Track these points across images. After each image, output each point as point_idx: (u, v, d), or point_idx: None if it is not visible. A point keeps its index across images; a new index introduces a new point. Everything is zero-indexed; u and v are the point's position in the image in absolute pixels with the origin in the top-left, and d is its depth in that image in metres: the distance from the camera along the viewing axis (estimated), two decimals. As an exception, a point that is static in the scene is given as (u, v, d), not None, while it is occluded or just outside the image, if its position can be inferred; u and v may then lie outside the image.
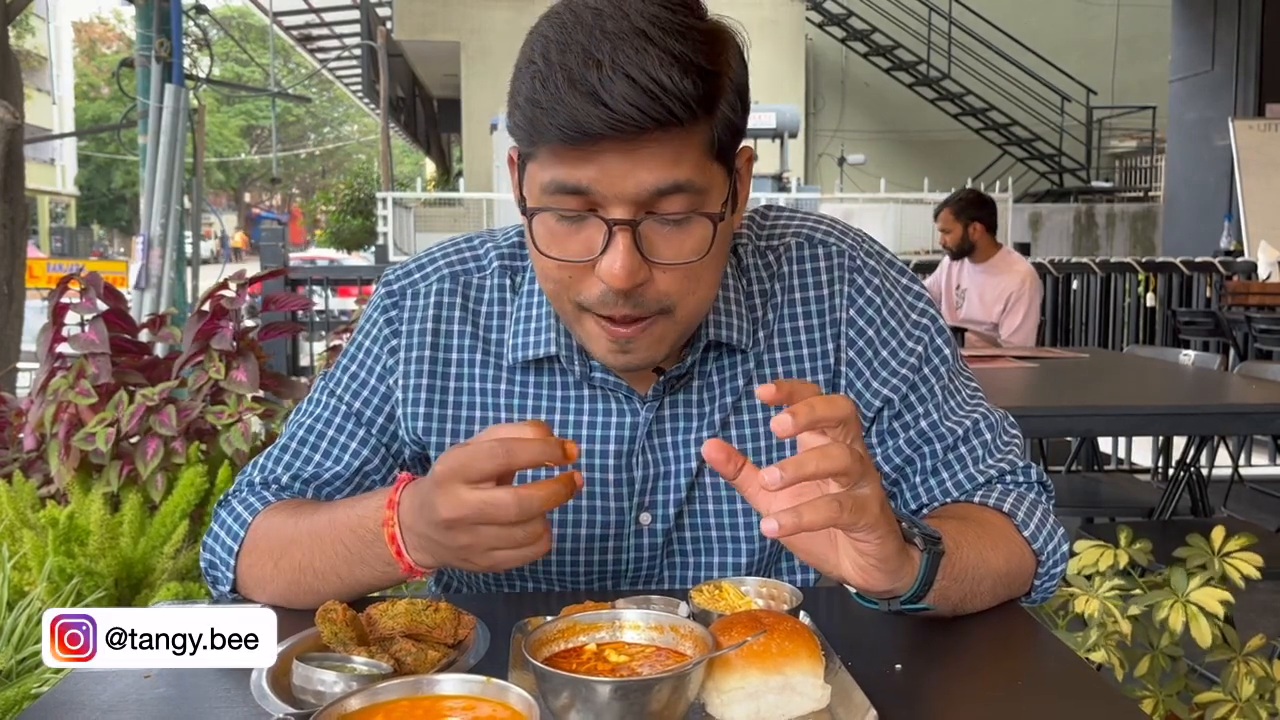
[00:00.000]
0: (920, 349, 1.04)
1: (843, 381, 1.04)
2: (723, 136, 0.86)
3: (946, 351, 1.05)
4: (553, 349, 1.00)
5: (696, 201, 0.85)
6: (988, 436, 1.04)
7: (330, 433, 1.05)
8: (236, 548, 0.99)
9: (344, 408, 1.05)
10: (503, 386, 1.03)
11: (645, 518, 1.03)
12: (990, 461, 1.04)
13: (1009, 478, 1.04)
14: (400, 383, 1.04)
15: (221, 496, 1.08)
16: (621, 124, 0.78)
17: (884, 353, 1.03)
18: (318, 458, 1.05)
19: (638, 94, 0.78)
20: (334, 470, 1.04)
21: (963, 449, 1.03)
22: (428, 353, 1.04)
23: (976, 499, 1.01)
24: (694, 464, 1.02)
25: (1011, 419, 1.08)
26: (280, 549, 0.96)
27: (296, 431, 1.06)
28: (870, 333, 1.04)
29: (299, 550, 0.94)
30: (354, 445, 1.05)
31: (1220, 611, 1.44)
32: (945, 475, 1.03)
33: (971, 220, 4.18)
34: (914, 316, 1.05)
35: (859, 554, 0.79)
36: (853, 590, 0.84)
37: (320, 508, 0.97)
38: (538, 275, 0.94)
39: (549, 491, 0.78)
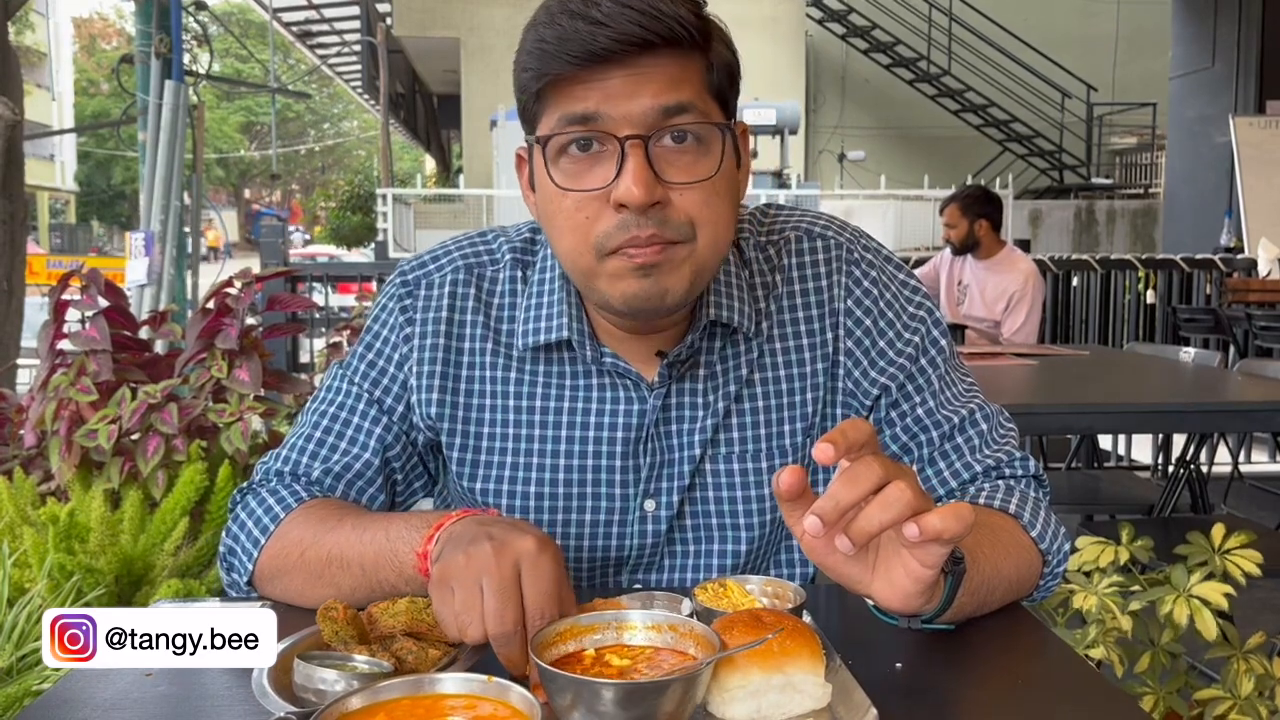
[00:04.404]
0: (917, 339, 1.06)
1: (841, 370, 1.06)
2: (720, 78, 0.92)
3: (943, 343, 1.07)
4: (565, 333, 1.01)
5: (702, 120, 0.90)
6: (984, 426, 1.06)
7: (355, 420, 1.06)
8: (264, 540, 0.99)
9: (366, 395, 1.06)
10: (513, 375, 1.05)
11: (649, 504, 1.05)
12: (987, 451, 1.05)
13: (1005, 469, 1.05)
14: (414, 369, 1.05)
15: (244, 485, 1.07)
16: (623, 40, 0.85)
17: (881, 342, 1.05)
18: (344, 445, 1.05)
19: (637, 14, 0.85)
20: (364, 459, 1.05)
21: (959, 438, 1.05)
22: (441, 340, 1.05)
23: (982, 499, 1.01)
24: (697, 451, 1.04)
25: (1006, 413, 1.09)
26: (308, 544, 0.95)
27: (319, 420, 1.07)
28: (868, 323, 1.05)
29: (324, 548, 0.93)
30: (379, 431, 1.06)
31: (1224, 603, 1.44)
32: (942, 464, 1.05)
33: (978, 217, 4.16)
34: (910, 309, 1.07)
35: (906, 574, 0.77)
36: (870, 603, 0.84)
37: (346, 516, 0.96)
38: (557, 234, 0.94)
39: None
